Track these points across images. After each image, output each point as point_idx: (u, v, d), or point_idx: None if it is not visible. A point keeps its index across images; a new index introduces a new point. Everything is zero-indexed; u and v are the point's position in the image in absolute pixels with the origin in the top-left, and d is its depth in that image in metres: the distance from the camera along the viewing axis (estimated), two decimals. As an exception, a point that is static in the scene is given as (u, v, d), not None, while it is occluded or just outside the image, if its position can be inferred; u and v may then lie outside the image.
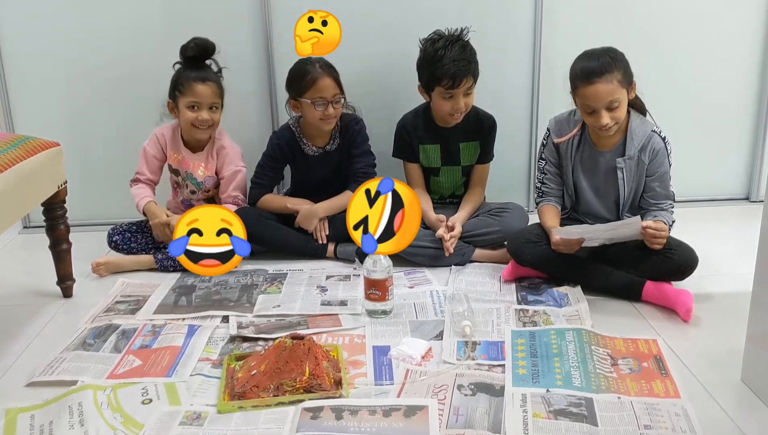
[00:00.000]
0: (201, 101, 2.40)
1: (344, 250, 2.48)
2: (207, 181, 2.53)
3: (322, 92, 2.41)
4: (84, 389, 1.66)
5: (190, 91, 2.39)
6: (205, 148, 2.52)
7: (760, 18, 2.82)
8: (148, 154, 2.54)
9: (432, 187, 2.62)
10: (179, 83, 2.41)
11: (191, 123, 2.42)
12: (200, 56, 2.43)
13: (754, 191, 3.00)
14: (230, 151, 2.52)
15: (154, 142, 2.54)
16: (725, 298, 2.12)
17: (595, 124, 2.11)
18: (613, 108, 2.08)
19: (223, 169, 2.51)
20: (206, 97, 2.41)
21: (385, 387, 1.69)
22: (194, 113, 2.41)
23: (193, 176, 2.53)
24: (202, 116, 2.41)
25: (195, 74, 2.41)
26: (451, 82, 2.35)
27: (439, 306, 2.10)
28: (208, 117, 2.42)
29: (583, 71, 2.08)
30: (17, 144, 2.00)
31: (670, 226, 2.17)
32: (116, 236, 2.52)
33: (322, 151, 2.57)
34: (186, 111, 2.41)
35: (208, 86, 2.41)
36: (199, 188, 2.54)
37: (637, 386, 1.66)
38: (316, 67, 2.43)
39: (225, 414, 1.59)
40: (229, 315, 2.07)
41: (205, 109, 2.41)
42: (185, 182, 2.55)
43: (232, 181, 2.51)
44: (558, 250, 2.15)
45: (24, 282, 2.39)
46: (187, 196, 2.58)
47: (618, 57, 2.09)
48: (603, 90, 2.05)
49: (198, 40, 2.42)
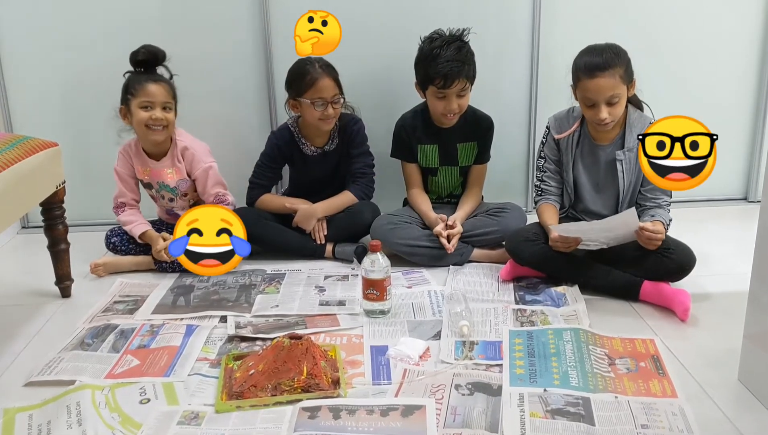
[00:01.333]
0: (154, 100, 2.34)
1: (342, 251, 2.48)
2: (180, 185, 2.47)
3: (321, 92, 2.41)
4: (82, 389, 1.66)
5: (142, 91, 2.33)
6: (168, 153, 2.45)
7: (758, 19, 2.82)
8: (121, 175, 2.48)
9: (430, 187, 2.62)
10: (130, 87, 2.36)
11: (145, 124, 2.34)
12: (150, 61, 2.38)
13: (752, 191, 3.01)
14: (195, 150, 2.44)
15: (122, 161, 2.49)
16: (723, 298, 2.12)
17: (593, 117, 2.14)
18: (613, 103, 2.10)
19: (192, 170, 2.45)
20: (159, 95, 2.34)
21: (382, 387, 1.69)
22: (147, 113, 2.34)
23: (165, 184, 2.47)
24: (156, 115, 2.33)
25: (146, 76, 2.37)
26: (443, 81, 2.35)
27: (437, 306, 2.11)
28: (162, 116, 2.34)
29: (587, 65, 2.11)
30: (16, 144, 2.00)
31: (668, 225, 2.18)
32: (114, 238, 2.51)
33: (321, 151, 2.57)
34: (139, 111, 2.34)
35: (161, 86, 2.36)
36: (175, 194, 2.49)
37: (635, 386, 1.66)
38: (315, 67, 2.43)
39: (223, 413, 1.59)
40: (227, 315, 2.07)
41: (158, 108, 2.34)
42: (160, 193, 2.50)
43: (206, 180, 2.44)
44: (556, 247, 2.15)
45: (22, 282, 2.39)
46: (167, 205, 2.54)
47: (621, 53, 2.13)
48: (605, 84, 2.08)
49: (148, 46, 2.38)
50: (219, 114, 2.79)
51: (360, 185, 2.56)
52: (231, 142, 2.79)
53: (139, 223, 2.45)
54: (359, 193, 2.55)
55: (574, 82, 2.17)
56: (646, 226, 2.05)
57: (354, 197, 2.54)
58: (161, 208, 2.59)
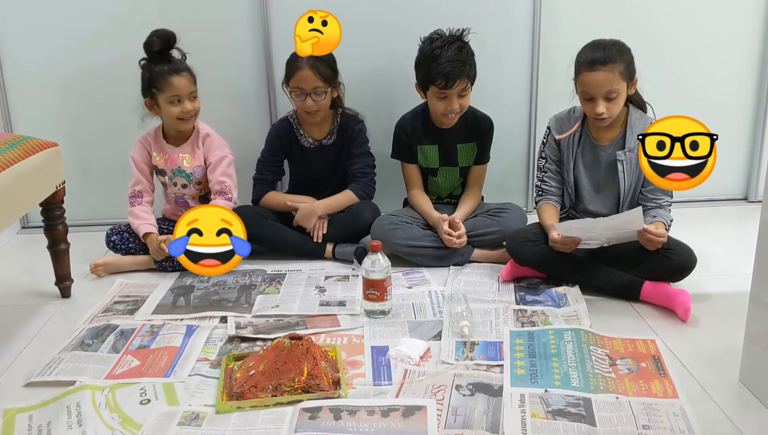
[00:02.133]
0: (181, 93, 2.39)
1: (343, 251, 2.48)
2: (196, 172, 2.51)
3: (300, 82, 2.45)
4: (82, 389, 1.66)
5: (168, 86, 2.38)
6: (189, 139, 2.51)
7: (758, 19, 2.82)
8: (137, 162, 2.52)
9: (430, 187, 2.62)
10: (154, 80, 2.39)
11: (177, 117, 2.42)
12: (165, 48, 2.41)
13: (753, 191, 3.00)
14: (216, 139, 2.52)
15: (139, 149, 2.53)
16: (724, 298, 2.12)
17: (591, 112, 2.14)
18: (611, 98, 2.11)
19: (210, 154, 2.50)
20: (184, 88, 2.40)
21: (383, 387, 1.69)
22: (177, 107, 2.40)
23: (181, 169, 2.51)
24: (186, 108, 2.40)
25: (167, 67, 2.39)
26: (444, 82, 2.35)
27: (437, 306, 2.11)
28: (191, 107, 2.42)
29: (588, 58, 2.12)
30: (16, 144, 2.00)
31: (669, 225, 2.18)
32: (114, 236, 2.50)
33: (319, 144, 2.58)
34: (168, 107, 2.40)
35: (184, 77, 2.40)
36: (189, 181, 2.53)
37: (636, 386, 1.66)
38: (304, 58, 2.44)
39: (223, 414, 1.59)
40: (227, 315, 2.07)
41: (186, 101, 2.41)
42: (173, 180, 2.53)
43: (218, 166, 2.48)
44: (555, 247, 2.15)
45: (22, 282, 2.39)
46: (179, 193, 2.56)
47: (624, 50, 2.14)
48: (604, 78, 2.09)
49: (158, 32, 2.39)
50: (218, 112, 2.77)
51: (361, 184, 2.56)
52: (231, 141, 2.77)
53: (147, 222, 2.45)
54: (360, 192, 2.55)
55: (576, 74, 2.18)
56: (648, 228, 2.05)
57: (355, 196, 2.54)
58: (170, 198, 2.60)
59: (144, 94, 2.44)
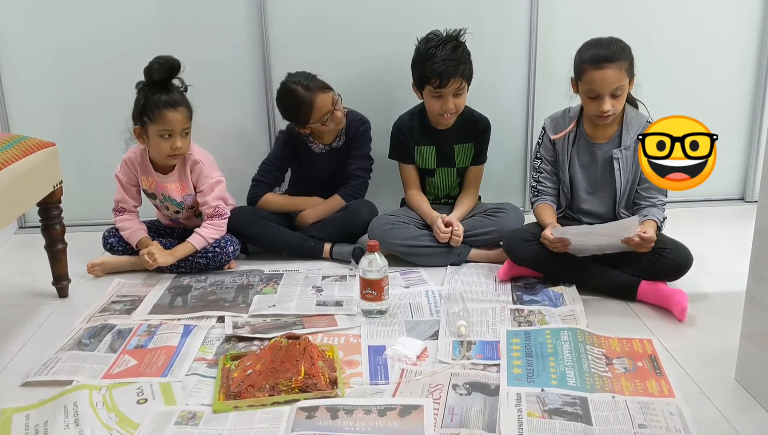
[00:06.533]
0: (174, 129, 2.26)
1: (340, 251, 2.48)
2: (186, 200, 2.42)
3: (320, 113, 2.44)
4: (79, 389, 1.66)
5: (161, 119, 2.24)
6: (176, 168, 2.38)
7: (755, 19, 2.82)
8: (122, 182, 2.42)
9: (427, 188, 2.62)
10: (148, 109, 2.25)
11: (167, 154, 2.30)
12: (166, 78, 2.27)
13: (749, 191, 3.01)
14: (206, 165, 2.38)
15: (125, 169, 2.41)
16: (720, 298, 2.12)
17: (596, 110, 2.14)
18: (617, 95, 2.12)
19: (200, 183, 2.38)
20: (178, 124, 2.26)
21: (380, 386, 1.69)
22: (167, 142, 2.26)
23: (170, 198, 2.42)
24: (176, 144, 2.27)
25: (164, 99, 2.24)
26: (439, 81, 2.35)
27: (434, 306, 2.11)
28: (181, 144, 2.28)
29: (594, 56, 2.11)
30: (13, 144, 2.00)
31: (662, 223, 2.18)
32: (111, 238, 2.47)
33: (329, 147, 2.59)
34: (158, 140, 2.27)
35: (180, 112, 2.26)
36: (181, 208, 2.45)
37: (632, 386, 1.66)
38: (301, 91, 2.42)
39: (220, 414, 1.59)
40: (224, 315, 2.07)
41: (178, 137, 2.27)
42: (164, 204, 2.46)
43: (211, 192, 2.38)
44: (544, 243, 2.15)
45: (19, 282, 2.39)
46: (172, 217, 2.50)
47: (626, 47, 2.14)
48: (611, 75, 2.09)
49: (162, 59, 2.24)
50: (216, 120, 2.76)
51: (349, 188, 2.57)
52: (229, 149, 2.79)
53: (136, 229, 2.42)
54: (348, 197, 2.56)
55: (578, 74, 2.17)
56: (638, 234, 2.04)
57: (342, 201, 2.56)
58: (164, 216, 2.55)
59: (134, 120, 2.30)
